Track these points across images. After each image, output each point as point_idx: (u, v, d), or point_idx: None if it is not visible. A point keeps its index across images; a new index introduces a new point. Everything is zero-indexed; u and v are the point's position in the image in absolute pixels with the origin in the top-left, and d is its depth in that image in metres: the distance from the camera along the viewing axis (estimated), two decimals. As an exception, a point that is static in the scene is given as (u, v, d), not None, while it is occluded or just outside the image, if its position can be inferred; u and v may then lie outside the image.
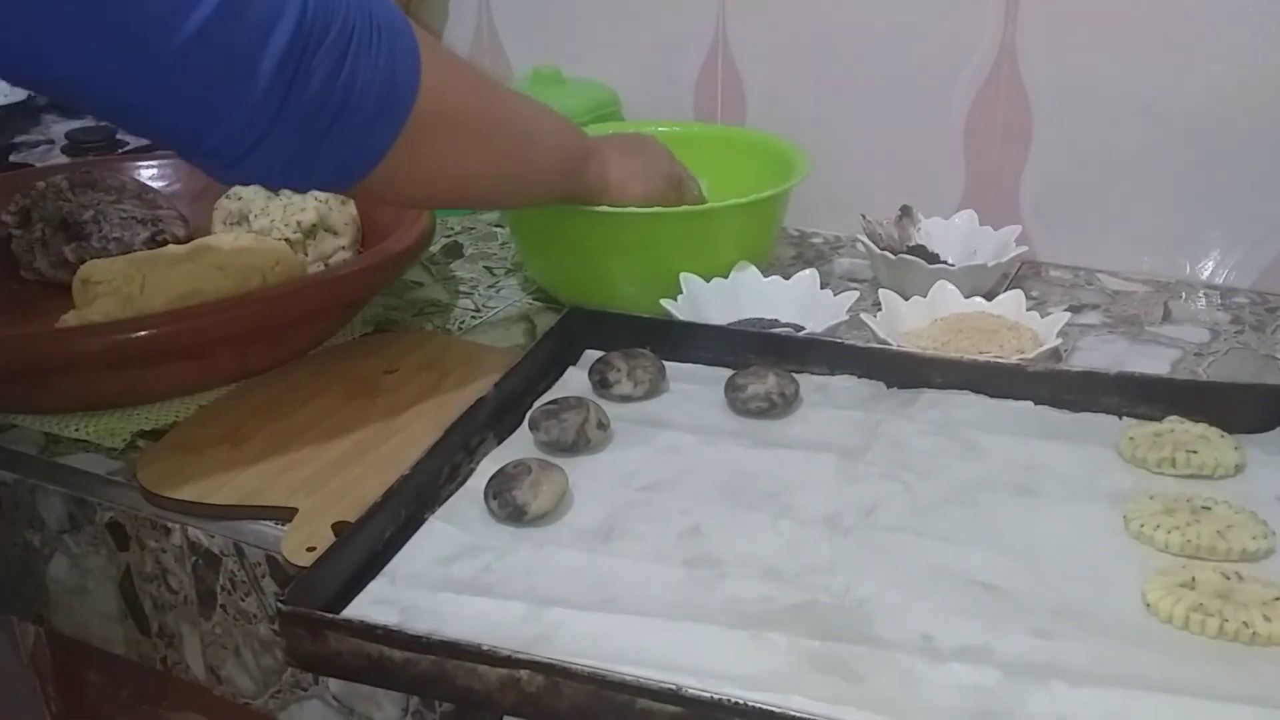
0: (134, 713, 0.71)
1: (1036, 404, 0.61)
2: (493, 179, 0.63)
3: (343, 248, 0.81)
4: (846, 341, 0.66)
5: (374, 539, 0.49)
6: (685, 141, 0.90)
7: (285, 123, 0.48)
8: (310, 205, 0.80)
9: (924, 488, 0.54)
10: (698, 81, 0.98)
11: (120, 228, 0.82)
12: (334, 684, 0.57)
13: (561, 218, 0.75)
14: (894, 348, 0.66)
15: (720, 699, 0.39)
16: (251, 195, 0.81)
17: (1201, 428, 0.57)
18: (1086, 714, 0.41)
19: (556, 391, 0.63)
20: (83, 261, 0.71)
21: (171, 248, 0.74)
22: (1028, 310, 0.71)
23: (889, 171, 0.93)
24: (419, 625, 0.44)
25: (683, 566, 0.49)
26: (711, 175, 0.88)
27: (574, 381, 0.64)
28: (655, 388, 0.63)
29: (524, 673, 0.41)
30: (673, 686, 0.40)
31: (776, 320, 0.72)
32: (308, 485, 0.58)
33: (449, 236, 0.96)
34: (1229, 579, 0.47)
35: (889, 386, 0.63)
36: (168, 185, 0.91)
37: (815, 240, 0.95)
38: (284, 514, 0.56)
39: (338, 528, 0.54)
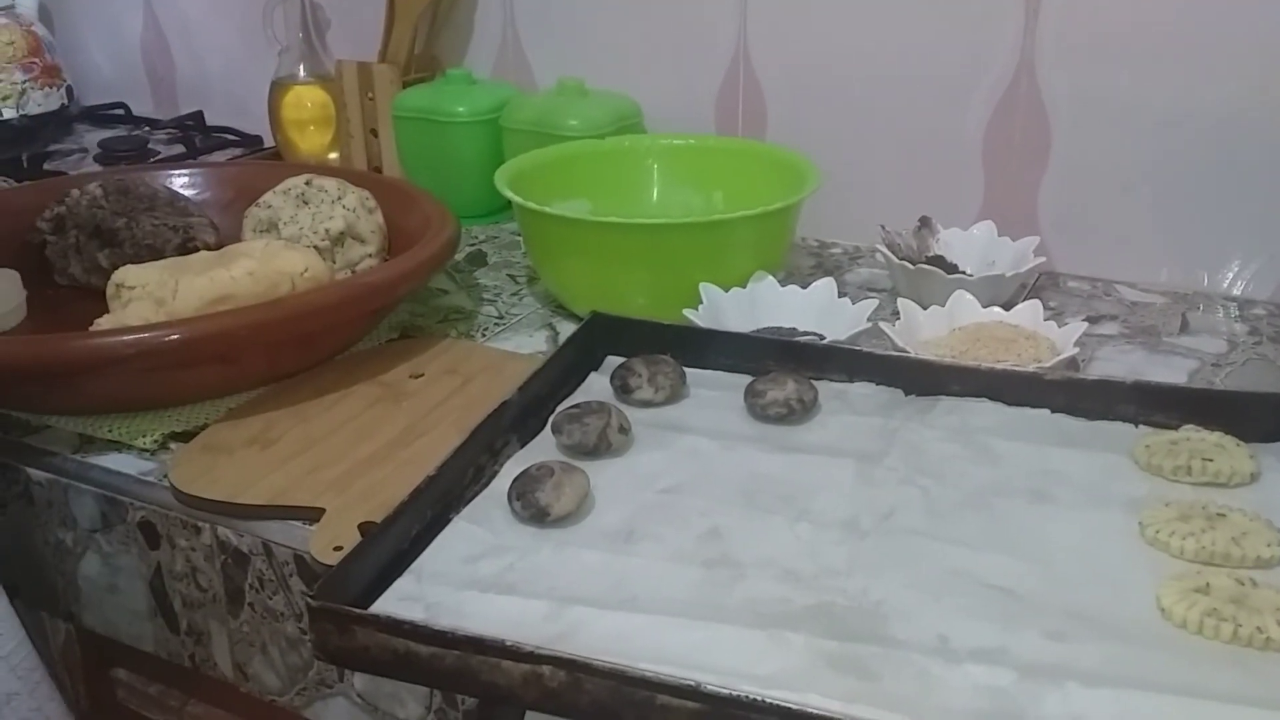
0: (161, 709, 0.72)
1: (1053, 412, 0.61)
2: None
3: (369, 255, 0.83)
4: (865, 349, 0.67)
5: (401, 538, 0.50)
6: (702, 154, 0.91)
7: None
8: (338, 214, 0.81)
9: (941, 493, 0.55)
10: (719, 94, 0.99)
11: (152, 235, 0.84)
12: (359, 681, 0.58)
13: (573, 230, 0.76)
14: (912, 355, 0.66)
15: (738, 695, 0.40)
16: (280, 204, 0.83)
17: (1217, 436, 0.57)
18: (1100, 714, 0.41)
19: (578, 396, 0.64)
20: (115, 267, 0.73)
21: (203, 254, 0.76)
22: (1045, 320, 0.72)
23: (908, 183, 0.93)
24: (444, 621, 0.45)
25: (702, 567, 0.50)
26: (727, 187, 0.89)
27: (596, 387, 0.65)
28: (676, 393, 0.64)
29: (546, 668, 0.42)
30: (691, 683, 0.40)
31: (795, 329, 0.73)
32: (335, 486, 0.59)
33: (473, 245, 0.98)
34: (1243, 585, 0.47)
35: (907, 394, 0.63)
36: (199, 193, 0.93)
37: (834, 251, 0.96)
38: (312, 514, 0.57)
39: (364, 527, 0.55)
